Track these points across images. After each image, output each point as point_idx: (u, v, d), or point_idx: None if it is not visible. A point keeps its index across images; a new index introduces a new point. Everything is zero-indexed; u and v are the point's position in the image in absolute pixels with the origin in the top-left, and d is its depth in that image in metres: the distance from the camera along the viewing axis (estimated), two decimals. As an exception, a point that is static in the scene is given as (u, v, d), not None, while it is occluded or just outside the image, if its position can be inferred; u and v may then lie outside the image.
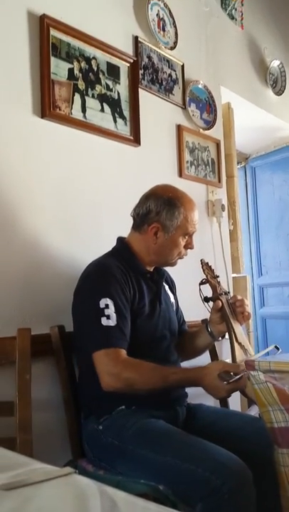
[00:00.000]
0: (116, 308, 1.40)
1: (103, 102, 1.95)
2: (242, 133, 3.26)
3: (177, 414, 1.52)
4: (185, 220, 1.54)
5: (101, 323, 1.38)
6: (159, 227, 1.54)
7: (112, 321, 1.38)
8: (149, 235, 1.55)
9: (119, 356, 1.37)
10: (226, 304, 1.60)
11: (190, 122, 2.46)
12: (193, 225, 1.57)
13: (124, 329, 1.41)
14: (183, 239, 1.57)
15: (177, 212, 1.53)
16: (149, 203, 1.55)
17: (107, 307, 1.39)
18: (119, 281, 1.45)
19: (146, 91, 2.19)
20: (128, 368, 1.36)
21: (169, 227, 1.53)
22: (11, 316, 1.53)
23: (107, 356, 1.37)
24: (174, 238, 1.55)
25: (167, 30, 2.37)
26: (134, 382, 1.36)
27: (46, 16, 1.73)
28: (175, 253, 1.58)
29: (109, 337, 1.38)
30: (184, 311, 1.80)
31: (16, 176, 1.61)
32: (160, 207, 1.53)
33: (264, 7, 3.32)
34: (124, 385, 1.36)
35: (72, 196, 1.80)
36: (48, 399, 1.58)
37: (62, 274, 1.69)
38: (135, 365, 1.38)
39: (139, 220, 1.57)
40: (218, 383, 1.31)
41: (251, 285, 3.71)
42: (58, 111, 1.75)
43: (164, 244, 1.55)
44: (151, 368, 1.38)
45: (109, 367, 1.36)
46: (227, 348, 1.60)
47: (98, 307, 1.39)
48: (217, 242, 2.59)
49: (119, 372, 1.35)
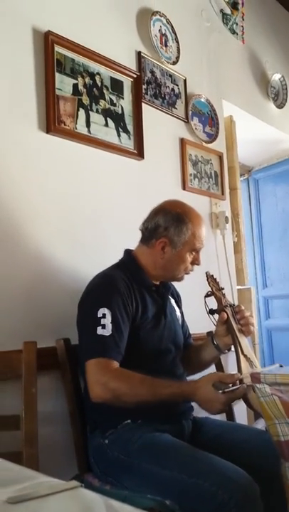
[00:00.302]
0: (113, 319, 1.39)
1: (107, 116, 1.97)
2: (244, 146, 3.28)
3: (183, 427, 1.51)
4: (192, 236, 1.55)
5: (96, 332, 1.37)
6: (166, 242, 1.54)
7: (107, 331, 1.37)
8: (156, 250, 1.56)
9: (109, 366, 1.35)
10: (231, 316, 1.60)
11: (193, 136, 2.49)
12: (200, 241, 1.58)
13: (118, 341, 1.39)
14: (190, 255, 1.58)
15: (185, 228, 1.54)
16: (158, 218, 1.56)
17: (104, 317, 1.38)
18: (122, 294, 1.45)
19: (150, 105, 2.22)
20: (117, 378, 1.34)
21: (177, 242, 1.54)
22: (16, 329, 1.53)
23: (97, 365, 1.35)
24: (181, 254, 1.56)
25: (169, 45, 2.40)
26: (121, 393, 1.33)
27: (51, 33, 1.76)
28: (182, 268, 1.58)
29: (102, 347, 1.36)
30: (189, 323, 1.80)
31: (20, 190, 1.63)
32: (168, 222, 1.54)
33: (265, 21, 3.37)
34: (111, 396, 1.33)
35: (76, 209, 1.82)
36: (54, 412, 1.58)
37: (67, 287, 1.69)
38: (124, 376, 1.35)
39: (147, 234, 1.58)
40: (213, 395, 1.28)
41: (256, 297, 3.70)
42: (62, 126, 1.77)
43: (171, 259, 1.56)
44: (141, 380, 1.35)
45: (98, 376, 1.34)
46: (233, 361, 1.59)
47: (95, 316, 1.39)
48: (221, 254, 2.59)
49: (106, 381, 1.33)
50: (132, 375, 1.35)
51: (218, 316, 1.62)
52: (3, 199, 1.58)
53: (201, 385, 1.31)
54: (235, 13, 2.93)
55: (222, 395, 1.27)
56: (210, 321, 1.65)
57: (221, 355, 1.73)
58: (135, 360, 1.42)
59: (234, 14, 2.91)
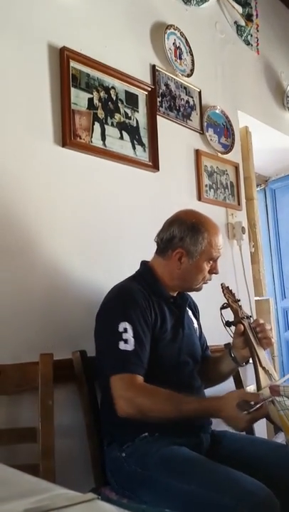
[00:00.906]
0: (134, 333, 1.39)
1: (122, 129, 1.99)
2: (261, 155, 3.28)
3: (201, 441, 1.49)
4: (209, 245, 1.54)
5: (118, 347, 1.37)
6: (183, 253, 1.53)
7: (130, 346, 1.37)
8: (173, 261, 1.55)
9: (134, 382, 1.35)
10: (248, 328, 1.58)
11: (208, 147, 2.49)
12: (217, 250, 1.56)
13: (141, 355, 1.39)
14: (207, 264, 1.56)
15: (201, 238, 1.53)
16: (173, 229, 1.55)
17: (126, 331, 1.38)
18: (141, 306, 1.45)
19: (164, 118, 2.23)
20: (142, 394, 1.34)
21: (193, 252, 1.53)
22: (33, 342, 1.54)
23: (122, 381, 1.35)
24: (199, 263, 1.55)
25: (184, 58, 2.42)
26: (147, 408, 1.33)
27: (66, 48, 1.79)
28: (199, 278, 1.57)
29: (126, 362, 1.36)
30: (207, 335, 1.78)
31: (38, 203, 1.65)
32: (184, 232, 1.53)
33: (279, 32, 3.38)
34: (136, 411, 1.33)
35: (93, 222, 1.83)
36: (71, 425, 1.58)
37: (84, 299, 1.70)
38: (150, 392, 1.35)
39: (162, 245, 1.58)
40: (238, 414, 1.26)
41: (275, 308, 3.65)
42: (78, 139, 1.79)
43: (189, 269, 1.55)
44: (166, 396, 1.34)
45: (123, 391, 1.34)
46: (251, 374, 1.58)
47: (117, 331, 1.39)
48: (238, 264, 2.57)
49: (132, 397, 1.33)
50: (158, 391, 1.35)
51: (234, 328, 1.60)
52: (21, 213, 1.60)
53: (226, 403, 1.30)
54: (250, 25, 2.94)
55: (246, 414, 1.26)
56: (227, 334, 1.64)
57: (238, 367, 1.70)
58: (153, 372, 1.41)
59: (248, 26, 2.93)
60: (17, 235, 1.58)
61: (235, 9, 2.83)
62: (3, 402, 1.43)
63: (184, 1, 2.50)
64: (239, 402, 1.27)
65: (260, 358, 1.54)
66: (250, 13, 2.96)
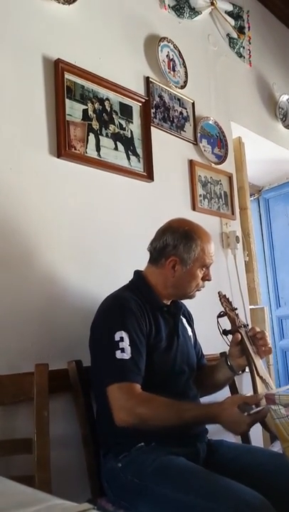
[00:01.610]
0: (131, 341, 1.39)
1: (117, 140, 2.01)
2: (254, 166, 3.31)
3: (198, 450, 1.48)
4: (202, 252, 1.55)
5: (115, 356, 1.37)
6: (176, 261, 1.54)
7: (127, 354, 1.37)
8: (166, 269, 1.56)
9: (133, 391, 1.35)
10: (245, 336, 1.59)
11: (202, 157, 2.51)
12: (210, 257, 1.58)
13: (138, 363, 1.39)
14: (200, 271, 1.57)
15: (194, 245, 1.54)
16: (166, 237, 1.56)
17: (122, 340, 1.38)
18: (136, 315, 1.45)
19: (159, 129, 2.25)
20: (142, 403, 1.34)
21: (187, 259, 1.54)
22: (28, 352, 1.54)
23: (121, 390, 1.35)
24: (192, 271, 1.55)
25: (177, 70, 2.45)
26: (147, 417, 1.32)
27: (61, 60, 1.81)
28: (193, 285, 1.58)
29: (123, 371, 1.36)
30: (202, 344, 1.79)
31: (33, 214, 1.66)
32: (177, 240, 1.54)
33: (271, 44, 3.43)
34: (137, 421, 1.33)
35: (88, 232, 1.84)
36: (66, 435, 1.57)
37: (79, 308, 1.70)
38: (149, 400, 1.35)
39: (156, 253, 1.59)
40: (238, 417, 1.27)
41: (269, 317, 3.66)
42: (73, 150, 1.81)
43: (182, 277, 1.56)
44: (165, 404, 1.34)
45: (122, 401, 1.34)
46: (247, 383, 1.58)
47: (113, 340, 1.39)
48: (233, 273, 2.59)
49: (132, 407, 1.33)
50: (157, 399, 1.35)
51: (231, 337, 1.61)
52: (17, 224, 1.60)
53: (227, 407, 1.30)
54: (242, 37, 2.98)
55: (247, 416, 1.27)
56: (223, 342, 1.64)
57: (234, 376, 1.71)
58: (148, 381, 1.41)
59: (241, 38, 2.97)
60: (13, 245, 1.58)
61: (227, 22, 2.87)
62: (-1, 413, 1.43)
63: (177, 14, 2.53)
64: (240, 405, 1.28)
65: (257, 366, 1.54)
66: (242, 25, 3.00)
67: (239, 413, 1.27)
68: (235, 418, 1.28)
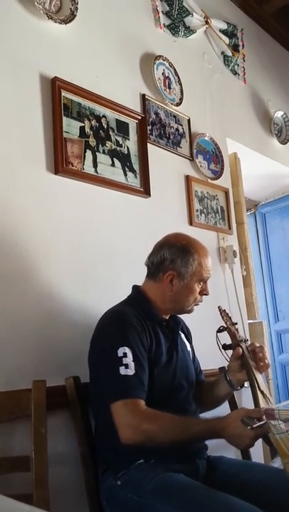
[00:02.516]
0: (134, 357, 1.38)
1: (113, 157, 2.03)
2: (250, 181, 3.33)
3: (198, 467, 1.47)
4: (200, 267, 1.55)
5: (119, 372, 1.35)
6: (174, 275, 1.55)
7: (131, 370, 1.35)
8: (164, 283, 1.56)
9: (138, 407, 1.34)
10: (246, 351, 1.58)
11: (198, 173, 2.53)
12: (207, 271, 1.58)
13: (142, 379, 1.38)
14: (198, 285, 1.58)
15: (192, 259, 1.55)
16: (163, 252, 1.57)
17: (125, 356, 1.37)
18: (137, 330, 1.44)
19: (155, 145, 2.28)
20: (147, 420, 1.32)
21: (184, 274, 1.54)
22: (25, 368, 1.53)
23: (126, 407, 1.33)
24: (190, 285, 1.56)
25: (173, 87, 2.49)
26: (154, 434, 1.31)
27: (58, 79, 1.84)
28: (191, 300, 1.58)
29: (128, 387, 1.35)
30: (201, 359, 1.78)
31: (31, 230, 1.66)
32: (174, 255, 1.55)
33: (265, 61, 3.48)
34: (143, 438, 1.31)
35: (86, 247, 1.84)
36: (64, 453, 1.55)
37: (77, 324, 1.69)
38: (155, 417, 1.34)
39: (153, 268, 1.59)
40: (242, 431, 1.26)
41: (268, 331, 3.65)
42: (70, 167, 1.82)
43: (180, 291, 1.56)
44: (171, 419, 1.34)
45: (128, 418, 1.32)
46: (247, 398, 1.57)
47: (116, 356, 1.37)
48: (230, 288, 2.59)
49: (138, 423, 1.31)
50: (162, 415, 1.34)
51: (231, 352, 1.60)
52: (15, 239, 1.61)
53: (231, 422, 1.30)
54: (236, 55, 3.03)
55: (251, 430, 1.26)
56: (222, 357, 1.63)
57: (233, 391, 1.70)
58: (148, 397, 1.39)
59: (235, 56, 3.02)
60: (11, 260, 1.58)
61: (222, 40, 2.92)
62: (-4, 431, 1.41)
63: (172, 33, 2.58)
64: (243, 419, 1.27)
65: (258, 381, 1.53)
66: (236, 43, 3.05)
67: (243, 427, 1.27)
68: (239, 432, 1.27)
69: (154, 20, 2.48)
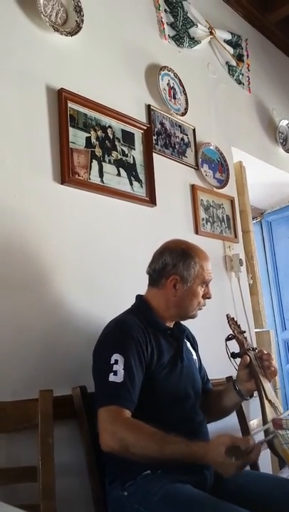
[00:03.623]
0: (126, 365, 1.36)
1: (119, 166, 2.04)
2: (256, 189, 3.34)
3: (205, 478, 1.44)
4: (201, 269, 1.56)
5: (108, 378, 1.35)
6: (177, 279, 1.55)
7: (119, 378, 1.34)
8: (168, 288, 1.56)
9: (120, 415, 1.31)
10: (254, 359, 1.57)
11: (203, 182, 2.54)
12: (209, 274, 1.59)
13: (130, 388, 1.35)
14: (201, 288, 1.58)
15: (193, 262, 1.55)
16: (165, 257, 1.58)
17: (116, 363, 1.36)
18: (136, 340, 1.44)
19: (160, 155, 2.29)
20: (126, 429, 1.29)
21: (187, 277, 1.55)
22: (32, 377, 1.53)
23: (108, 413, 1.31)
24: (193, 288, 1.56)
25: (178, 97, 2.50)
26: (129, 443, 1.27)
27: (64, 90, 1.86)
28: (195, 303, 1.58)
29: (113, 395, 1.33)
30: (207, 368, 1.77)
31: (38, 239, 1.67)
32: (176, 259, 1.56)
33: (270, 70, 3.50)
34: (118, 446, 1.28)
35: (92, 256, 1.85)
36: (71, 463, 1.54)
37: (83, 333, 1.69)
38: (134, 427, 1.29)
39: (155, 275, 1.59)
40: (225, 460, 1.20)
41: (275, 340, 3.63)
42: (76, 177, 1.83)
43: (184, 295, 1.56)
44: (151, 433, 1.28)
45: (107, 424, 1.30)
46: (255, 407, 1.56)
47: (108, 362, 1.37)
48: (237, 296, 2.58)
49: (115, 430, 1.28)
50: (143, 427, 1.29)
51: (240, 360, 1.59)
52: (22, 248, 1.62)
53: (212, 448, 1.24)
54: (241, 65, 3.05)
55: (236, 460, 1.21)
56: (229, 366, 1.62)
57: (242, 401, 1.68)
58: (153, 408, 1.39)
59: (239, 66, 3.03)
60: (17, 270, 1.59)
61: (226, 50, 2.94)
62: (3, 441, 1.41)
63: (177, 44, 2.60)
64: (228, 449, 1.20)
65: (265, 390, 1.52)
66: (241, 53, 3.07)
67: (226, 456, 1.20)
68: (221, 460, 1.21)
69: (158, 31, 2.51)
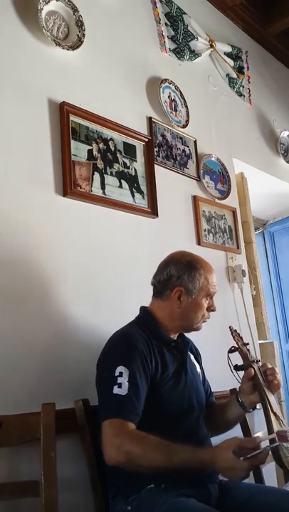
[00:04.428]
0: (130, 378, 1.35)
1: (121, 178, 2.05)
2: (258, 200, 3.34)
3: (209, 492, 1.43)
4: (206, 282, 1.56)
5: (112, 391, 1.34)
6: (182, 291, 1.54)
7: (124, 390, 1.33)
8: (172, 300, 1.56)
9: (124, 427, 1.30)
10: (258, 372, 1.56)
11: (205, 193, 2.55)
12: (214, 286, 1.59)
13: (135, 401, 1.34)
14: (206, 301, 1.57)
15: (198, 275, 1.55)
16: (169, 269, 1.57)
17: (121, 375, 1.35)
18: (140, 352, 1.43)
19: (162, 166, 2.30)
20: (131, 441, 1.28)
21: (192, 289, 1.54)
22: (35, 390, 1.52)
23: (112, 426, 1.30)
24: (198, 300, 1.55)
25: (179, 110, 2.52)
26: (135, 456, 1.26)
27: (66, 103, 1.87)
28: (199, 316, 1.57)
29: (118, 407, 1.32)
30: (211, 381, 1.76)
31: (40, 252, 1.67)
32: (181, 271, 1.55)
33: (270, 82, 3.53)
34: (124, 459, 1.27)
35: (94, 268, 1.85)
36: (74, 477, 1.53)
37: (86, 346, 1.69)
38: (140, 439, 1.29)
39: (160, 286, 1.59)
40: (234, 462, 1.20)
41: (279, 351, 3.61)
42: (78, 189, 1.84)
43: (189, 307, 1.55)
44: (156, 443, 1.27)
45: (112, 437, 1.29)
46: (260, 420, 1.54)
47: (113, 375, 1.36)
48: (240, 307, 2.57)
49: (120, 444, 1.27)
50: (148, 438, 1.29)
51: (243, 373, 1.58)
52: (24, 261, 1.62)
53: (220, 452, 1.24)
54: (241, 77, 3.07)
55: (244, 461, 1.20)
56: (233, 378, 1.61)
57: (245, 414, 1.66)
58: (156, 420, 1.38)
59: (240, 78, 3.06)
60: (20, 282, 1.59)
61: (226, 63, 2.97)
62: (5, 455, 1.40)
63: (178, 57, 2.62)
64: (236, 449, 1.20)
65: (270, 402, 1.51)
66: (241, 66, 3.10)
67: (235, 459, 1.20)
68: (230, 464, 1.21)
69: (159, 44, 2.53)
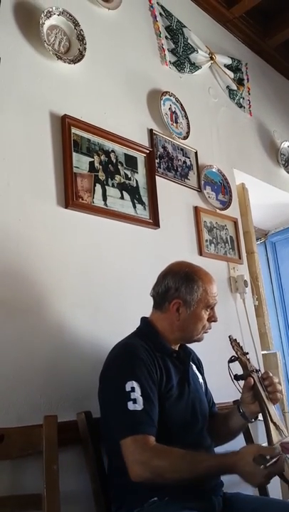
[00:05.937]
0: (142, 391, 1.35)
1: (123, 190, 2.06)
2: (259, 210, 3.35)
3: (213, 505, 1.42)
4: (205, 293, 1.55)
5: (127, 407, 1.33)
6: (180, 303, 1.54)
7: (139, 406, 1.33)
8: (171, 312, 1.55)
9: (148, 443, 1.30)
10: (257, 381, 1.55)
11: (206, 204, 2.56)
12: (213, 297, 1.57)
13: (151, 414, 1.35)
14: (205, 312, 1.56)
15: (196, 286, 1.54)
16: (167, 281, 1.57)
17: (133, 390, 1.34)
18: (146, 363, 1.42)
19: (163, 178, 2.31)
20: (157, 456, 1.29)
21: (190, 301, 1.53)
22: (37, 403, 1.51)
23: (135, 443, 1.30)
24: (197, 312, 1.54)
25: (180, 121, 2.54)
26: (163, 470, 1.27)
27: (67, 116, 1.89)
28: (200, 327, 1.56)
29: (136, 423, 1.32)
30: (213, 392, 1.75)
31: (42, 263, 1.68)
32: (178, 283, 1.54)
33: (270, 93, 3.55)
34: (153, 475, 1.27)
35: (96, 279, 1.85)
36: (77, 490, 1.51)
37: (88, 357, 1.68)
38: (165, 453, 1.30)
39: (159, 298, 1.59)
40: (254, 469, 1.22)
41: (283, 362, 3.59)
42: (80, 200, 1.85)
43: (188, 319, 1.54)
44: (181, 456, 1.29)
45: (137, 455, 1.28)
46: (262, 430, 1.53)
47: (124, 391, 1.35)
48: (243, 318, 2.56)
49: (147, 460, 1.28)
50: (172, 451, 1.30)
51: (243, 382, 1.57)
52: (26, 272, 1.62)
53: (242, 458, 1.26)
54: (241, 89, 3.10)
55: (263, 469, 1.22)
56: (235, 390, 1.60)
57: (247, 424, 1.66)
58: (161, 432, 1.36)
59: (240, 89, 3.08)
60: (21, 293, 1.59)
61: (227, 75, 2.99)
62: (7, 468, 1.39)
63: (178, 69, 2.65)
64: (255, 457, 1.23)
65: (270, 412, 1.50)
66: (241, 77, 3.13)
67: (254, 465, 1.22)
68: (250, 469, 1.23)
69: (160, 57, 2.56)
